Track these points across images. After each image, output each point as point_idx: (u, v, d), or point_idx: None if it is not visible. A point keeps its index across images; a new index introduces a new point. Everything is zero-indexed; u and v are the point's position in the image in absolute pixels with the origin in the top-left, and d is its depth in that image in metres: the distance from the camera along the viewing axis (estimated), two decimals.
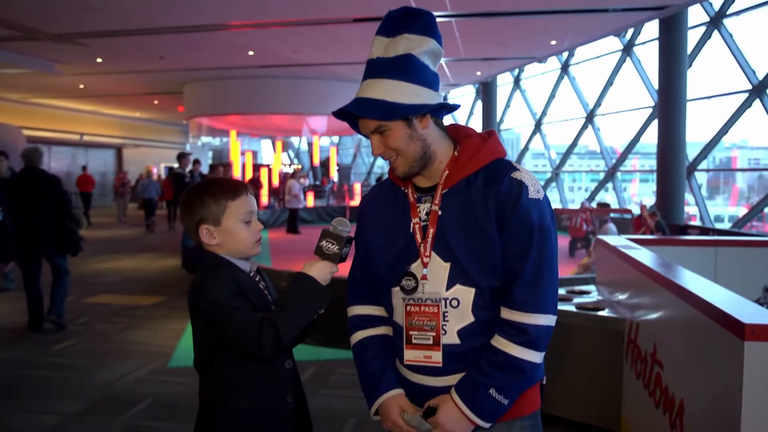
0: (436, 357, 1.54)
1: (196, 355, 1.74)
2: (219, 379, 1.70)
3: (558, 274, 1.56)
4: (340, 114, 1.57)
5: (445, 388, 1.55)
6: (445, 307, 1.53)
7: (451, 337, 1.53)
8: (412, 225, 1.58)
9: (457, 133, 1.63)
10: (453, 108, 1.61)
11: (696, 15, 12.74)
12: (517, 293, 1.48)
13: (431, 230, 1.55)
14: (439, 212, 1.55)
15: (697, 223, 13.04)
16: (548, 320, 1.50)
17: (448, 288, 1.52)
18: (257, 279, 1.77)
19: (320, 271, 1.63)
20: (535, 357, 1.49)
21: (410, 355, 1.58)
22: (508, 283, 1.50)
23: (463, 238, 1.51)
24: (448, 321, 1.53)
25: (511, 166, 1.55)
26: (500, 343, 1.49)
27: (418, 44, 1.51)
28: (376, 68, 1.52)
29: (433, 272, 1.54)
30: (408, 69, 1.50)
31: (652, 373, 2.75)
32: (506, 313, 1.50)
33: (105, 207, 25.68)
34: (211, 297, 1.61)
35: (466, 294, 1.52)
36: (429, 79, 1.52)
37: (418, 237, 1.57)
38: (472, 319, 1.52)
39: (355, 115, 1.53)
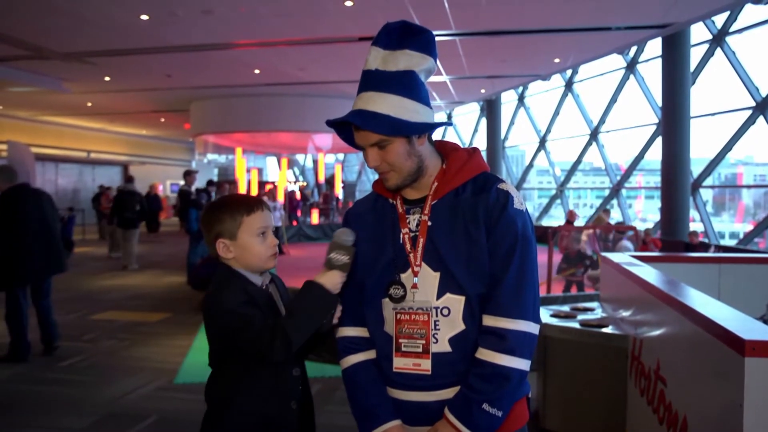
0: (425, 365, 1.56)
1: (210, 357, 1.79)
2: (228, 382, 1.74)
3: (539, 285, 1.60)
4: (336, 124, 1.59)
5: (435, 402, 1.56)
6: (436, 315, 1.55)
7: (442, 346, 1.55)
8: (401, 235, 1.61)
9: (444, 148, 1.68)
10: (447, 125, 1.65)
11: (699, 33, 12.79)
12: (499, 299, 1.51)
13: (421, 240, 1.57)
14: (429, 222, 1.58)
15: (703, 239, 13.00)
16: (529, 327, 1.52)
17: (438, 297, 1.55)
18: (270, 292, 1.81)
19: (331, 280, 1.64)
20: (521, 364, 1.51)
21: (399, 363, 1.59)
22: (490, 290, 1.53)
23: (452, 247, 1.54)
24: (439, 329, 1.55)
25: (497, 178, 1.61)
26: (485, 354, 1.51)
27: (418, 62, 1.54)
28: (378, 81, 1.52)
29: (423, 281, 1.56)
30: (411, 86, 1.52)
31: (656, 389, 2.75)
32: (488, 320, 1.53)
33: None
34: (224, 306, 1.66)
35: (456, 302, 1.54)
36: (426, 98, 1.56)
37: (408, 247, 1.59)
38: (462, 327, 1.55)
39: (355, 126, 1.53)
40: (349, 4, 8.89)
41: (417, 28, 1.56)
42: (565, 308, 4.19)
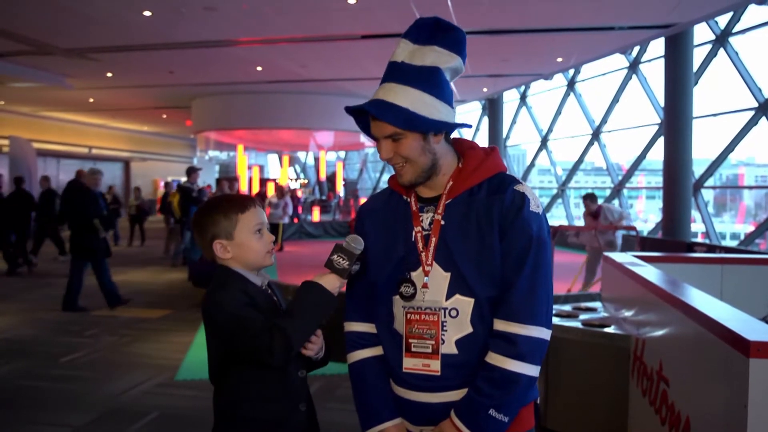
0: (435, 366, 1.54)
1: (210, 367, 1.76)
2: (233, 391, 1.72)
3: (553, 289, 1.57)
4: (354, 111, 1.57)
5: (442, 404, 1.55)
6: (444, 316, 1.53)
7: (449, 347, 1.53)
8: (414, 233, 1.59)
9: (461, 146, 1.65)
10: (466, 126, 1.63)
11: (702, 33, 12.75)
12: (511, 303, 1.49)
13: (433, 239, 1.56)
14: (442, 222, 1.56)
15: (704, 240, 12.99)
16: (541, 333, 1.49)
17: (447, 298, 1.53)
18: (269, 292, 1.80)
19: (329, 283, 1.62)
20: (531, 370, 1.49)
21: (409, 363, 1.57)
22: (502, 293, 1.51)
23: (464, 248, 1.52)
24: (446, 331, 1.53)
25: (514, 179, 1.58)
26: (494, 359, 1.49)
27: (446, 59, 1.52)
28: (402, 73, 1.51)
29: (433, 281, 1.55)
30: (435, 83, 1.50)
31: (659, 390, 2.75)
32: (499, 324, 1.51)
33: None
34: (222, 307, 1.64)
35: (465, 304, 1.52)
36: (449, 96, 1.54)
37: (420, 246, 1.57)
38: (470, 329, 1.53)
39: (372, 115, 1.52)
40: (352, 1, 8.87)
41: (448, 25, 1.55)
42: (567, 308, 4.19)
